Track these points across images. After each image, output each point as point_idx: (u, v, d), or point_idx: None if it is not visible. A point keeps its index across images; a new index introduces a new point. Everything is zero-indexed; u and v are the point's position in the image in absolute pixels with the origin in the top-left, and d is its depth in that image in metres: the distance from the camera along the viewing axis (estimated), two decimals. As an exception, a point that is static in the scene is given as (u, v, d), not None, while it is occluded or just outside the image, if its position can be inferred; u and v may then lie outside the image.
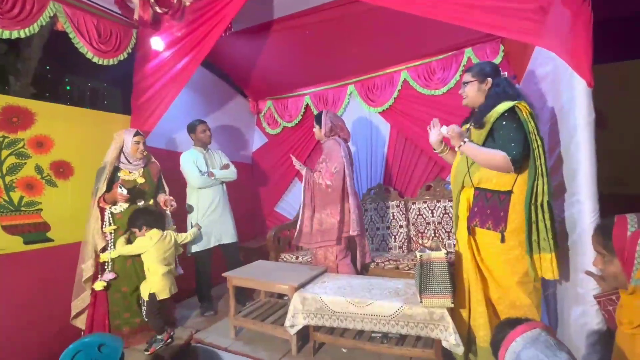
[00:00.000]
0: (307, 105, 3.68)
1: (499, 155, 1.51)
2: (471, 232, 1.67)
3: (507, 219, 1.54)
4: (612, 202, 1.37)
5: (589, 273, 1.25)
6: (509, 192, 1.55)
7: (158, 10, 2.41)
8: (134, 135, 2.34)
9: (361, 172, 3.41)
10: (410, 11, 1.80)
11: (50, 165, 2.30)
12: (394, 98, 3.17)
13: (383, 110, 3.24)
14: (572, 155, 1.45)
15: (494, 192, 1.59)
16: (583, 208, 1.36)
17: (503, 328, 0.94)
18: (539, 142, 1.47)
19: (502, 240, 1.55)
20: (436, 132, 1.82)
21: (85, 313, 2.23)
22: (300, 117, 3.72)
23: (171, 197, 2.48)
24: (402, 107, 3.16)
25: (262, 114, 4.02)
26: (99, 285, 2.18)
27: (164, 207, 2.45)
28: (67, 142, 2.38)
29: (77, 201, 2.36)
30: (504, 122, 1.54)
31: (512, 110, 1.53)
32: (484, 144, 1.62)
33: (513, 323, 0.92)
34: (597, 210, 1.34)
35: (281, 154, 3.88)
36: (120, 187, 2.19)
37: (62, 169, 2.36)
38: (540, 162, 1.46)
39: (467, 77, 1.75)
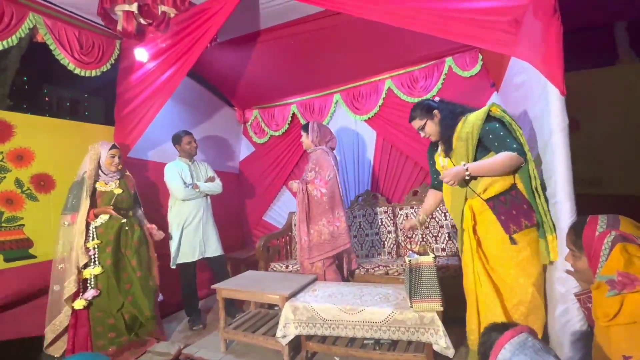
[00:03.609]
0: (293, 114, 3.71)
1: (505, 157, 1.51)
2: (514, 241, 1.56)
3: (532, 208, 1.53)
4: (588, 202, 1.44)
5: (569, 272, 1.30)
6: (514, 186, 1.57)
7: (142, 21, 2.40)
8: (110, 149, 2.31)
9: (348, 179, 3.45)
10: (392, 23, 1.87)
11: (31, 178, 2.23)
12: (379, 106, 3.24)
13: (369, 118, 3.30)
14: (548, 159, 1.51)
15: (504, 193, 1.58)
16: (561, 208, 1.42)
17: (489, 334, 0.92)
18: (520, 131, 1.55)
19: (539, 230, 1.52)
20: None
21: (62, 339, 2.11)
22: (287, 126, 3.74)
23: (154, 226, 2.48)
24: (387, 115, 3.22)
25: (249, 123, 4.02)
26: (79, 304, 2.08)
27: (152, 234, 2.47)
28: (48, 154, 2.33)
29: (60, 215, 2.29)
30: (487, 128, 1.58)
31: (487, 114, 1.59)
32: (475, 155, 1.63)
33: (499, 328, 0.91)
34: (574, 211, 1.40)
35: (269, 162, 3.88)
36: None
37: (43, 182, 2.29)
38: (526, 149, 1.52)
39: (418, 122, 1.78)
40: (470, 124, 1.61)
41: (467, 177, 1.60)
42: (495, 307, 1.57)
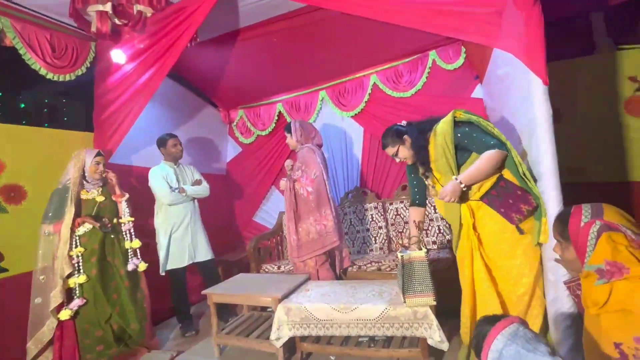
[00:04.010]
0: (279, 112, 3.66)
1: (489, 157, 1.50)
2: (522, 231, 1.54)
3: (527, 192, 1.50)
4: (574, 191, 1.46)
5: (558, 261, 1.31)
6: (501, 177, 1.55)
7: (117, 22, 2.31)
8: (95, 156, 2.26)
9: (337, 176, 3.43)
10: (377, 18, 1.84)
11: (0, 190, 2.14)
12: (365, 102, 3.22)
13: (355, 114, 3.28)
14: (533, 150, 1.52)
15: (494, 187, 1.56)
16: (548, 198, 1.43)
17: (482, 326, 0.92)
18: (492, 124, 1.54)
19: (538, 218, 1.49)
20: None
21: (45, 354, 2.03)
22: (274, 125, 3.69)
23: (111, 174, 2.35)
24: (374, 110, 3.21)
25: (235, 124, 3.96)
26: (64, 315, 2.00)
27: (111, 178, 2.34)
28: (21, 164, 2.24)
29: (31, 227, 2.19)
30: (458, 135, 1.57)
31: (453, 121, 1.57)
32: (457, 158, 1.61)
33: (491, 320, 0.91)
34: (561, 200, 1.41)
35: (256, 162, 3.83)
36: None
37: (13, 194, 2.21)
38: (503, 138, 1.51)
39: (391, 150, 1.76)
40: (441, 135, 1.59)
41: (464, 189, 1.57)
42: (493, 302, 1.56)
